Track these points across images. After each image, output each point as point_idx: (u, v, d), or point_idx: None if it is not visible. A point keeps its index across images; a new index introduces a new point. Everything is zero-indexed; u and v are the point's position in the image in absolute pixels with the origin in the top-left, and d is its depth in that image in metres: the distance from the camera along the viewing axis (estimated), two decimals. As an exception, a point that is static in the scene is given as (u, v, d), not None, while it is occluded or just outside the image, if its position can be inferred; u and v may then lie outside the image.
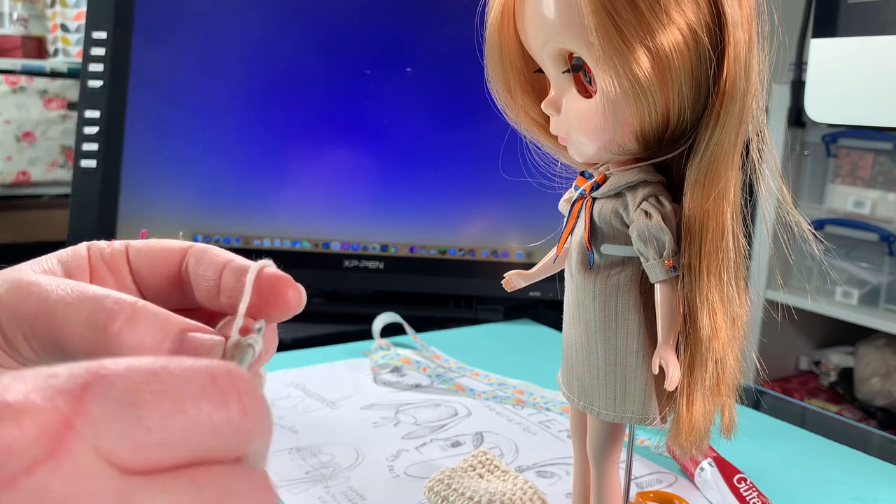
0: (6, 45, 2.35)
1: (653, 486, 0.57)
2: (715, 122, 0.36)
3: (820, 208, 1.82)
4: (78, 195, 0.95)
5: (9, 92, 2.21)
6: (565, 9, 0.35)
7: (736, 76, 0.35)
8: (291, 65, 0.96)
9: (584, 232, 0.39)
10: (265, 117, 0.96)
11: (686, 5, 0.34)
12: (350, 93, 0.96)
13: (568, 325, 0.41)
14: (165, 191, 0.95)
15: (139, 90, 0.95)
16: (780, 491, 0.56)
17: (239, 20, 0.97)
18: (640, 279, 0.38)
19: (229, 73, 0.96)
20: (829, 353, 1.96)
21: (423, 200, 0.96)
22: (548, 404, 0.70)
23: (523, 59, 0.40)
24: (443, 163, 0.96)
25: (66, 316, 0.26)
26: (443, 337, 0.90)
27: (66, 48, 2.38)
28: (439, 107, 0.96)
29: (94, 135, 0.95)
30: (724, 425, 0.40)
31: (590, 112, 0.37)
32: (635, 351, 0.38)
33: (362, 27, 0.97)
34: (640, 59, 0.34)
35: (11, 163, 2.24)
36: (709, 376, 0.37)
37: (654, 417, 0.39)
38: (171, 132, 0.96)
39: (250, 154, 0.95)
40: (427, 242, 0.96)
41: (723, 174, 0.36)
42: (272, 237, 0.95)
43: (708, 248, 0.36)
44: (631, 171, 0.38)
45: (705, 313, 0.37)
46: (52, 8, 2.38)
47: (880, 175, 1.75)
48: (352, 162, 0.96)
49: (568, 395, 0.42)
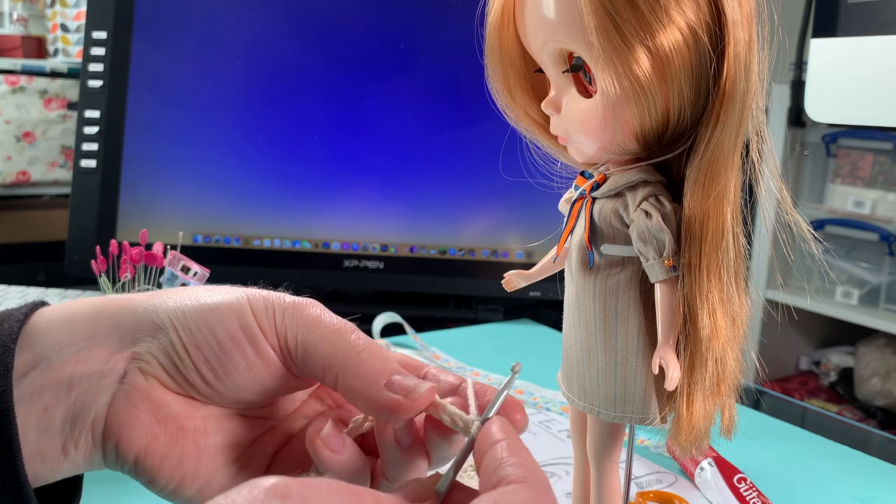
0: (6, 45, 2.35)
1: (653, 486, 0.57)
2: (715, 122, 0.36)
3: (820, 208, 1.82)
4: (78, 195, 0.95)
5: (9, 92, 2.21)
6: (565, 9, 0.35)
7: (736, 76, 0.35)
8: (291, 65, 0.96)
9: (584, 232, 0.39)
10: (265, 117, 0.96)
11: (686, 5, 0.34)
12: (350, 93, 0.96)
13: (568, 325, 0.41)
14: (165, 191, 0.95)
15: (139, 90, 0.95)
16: (780, 491, 0.56)
17: (239, 20, 0.97)
18: (640, 279, 0.38)
19: (229, 73, 0.96)
20: (829, 353, 1.96)
21: (423, 200, 0.96)
22: (548, 404, 0.70)
23: (523, 59, 0.40)
24: (443, 163, 0.96)
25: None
26: (443, 337, 0.90)
27: (66, 48, 2.38)
28: (439, 107, 0.96)
29: (94, 135, 0.95)
30: (724, 425, 0.40)
31: (590, 112, 0.37)
32: (635, 351, 0.38)
33: (362, 27, 0.97)
34: (640, 58, 0.34)
35: (11, 163, 2.24)
36: (709, 376, 0.37)
37: (654, 417, 0.39)
38: (171, 132, 0.96)
39: (250, 154, 0.95)
40: (427, 242, 0.96)
41: (723, 174, 0.36)
42: (272, 237, 0.95)
43: (708, 248, 0.36)
44: (631, 171, 0.38)
45: (705, 313, 0.37)
46: (52, 8, 2.38)
47: (880, 175, 1.75)
48: (352, 162, 0.96)
49: (568, 395, 0.42)
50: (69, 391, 0.32)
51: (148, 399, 0.32)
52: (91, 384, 0.32)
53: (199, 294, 0.34)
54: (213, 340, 0.33)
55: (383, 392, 0.32)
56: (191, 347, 0.33)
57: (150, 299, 0.34)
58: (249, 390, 0.34)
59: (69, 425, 0.32)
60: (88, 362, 0.32)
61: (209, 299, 0.33)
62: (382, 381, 0.32)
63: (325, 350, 0.33)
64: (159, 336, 0.33)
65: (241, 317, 0.33)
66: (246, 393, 0.34)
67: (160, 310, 0.33)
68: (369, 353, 0.33)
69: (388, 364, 0.33)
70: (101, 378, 0.32)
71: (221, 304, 0.33)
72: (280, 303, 0.34)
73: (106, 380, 0.32)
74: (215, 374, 0.33)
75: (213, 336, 0.33)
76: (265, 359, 0.33)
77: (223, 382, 0.33)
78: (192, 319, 0.33)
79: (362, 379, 0.32)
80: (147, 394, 0.33)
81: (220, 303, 0.33)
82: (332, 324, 0.34)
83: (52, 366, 0.32)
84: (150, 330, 0.33)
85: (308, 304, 0.34)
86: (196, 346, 0.33)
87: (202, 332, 0.33)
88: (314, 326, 0.33)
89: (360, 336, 0.34)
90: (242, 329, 0.33)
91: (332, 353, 0.33)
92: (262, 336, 0.33)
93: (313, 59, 0.96)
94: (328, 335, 0.33)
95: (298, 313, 0.34)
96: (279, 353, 0.34)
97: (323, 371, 0.33)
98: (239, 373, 0.33)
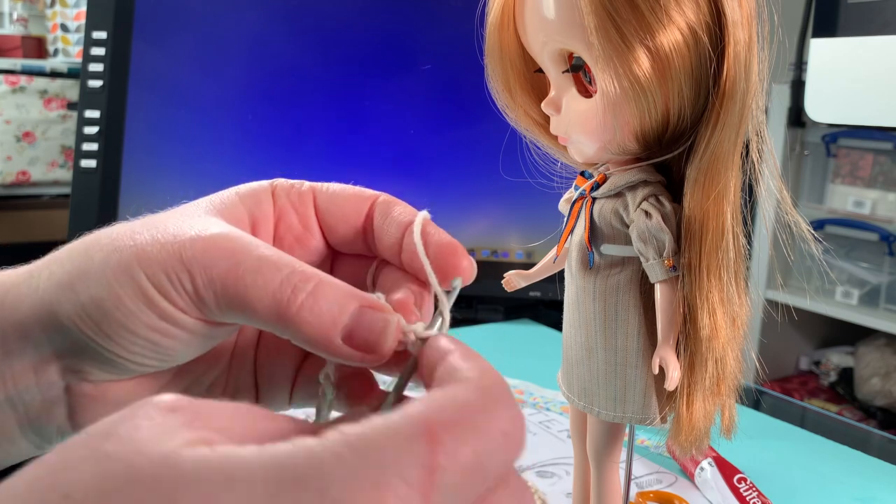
0: (6, 45, 2.35)
1: (653, 486, 0.57)
2: (715, 122, 0.36)
3: (820, 208, 1.82)
4: (78, 195, 0.95)
5: (9, 92, 2.21)
6: (565, 9, 0.35)
7: (736, 76, 0.35)
8: (291, 65, 0.96)
9: (584, 232, 0.39)
10: (265, 117, 0.96)
11: (686, 5, 0.34)
12: (350, 93, 0.96)
13: (568, 325, 0.41)
14: (165, 191, 0.95)
15: (139, 90, 0.95)
16: (780, 491, 0.56)
17: (239, 20, 0.97)
18: (640, 279, 0.38)
19: (229, 73, 0.96)
20: (829, 353, 1.96)
21: (422, 200, 0.96)
22: (548, 404, 0.70)
23: (523, 59, 0.40)
24: (443, 163, 0.96)
25: (255, 284, 0.27)
26: (443, 337, 0.90)
27: (66, 48, 2.38)
28: (439, 107, 0.96)
29: (94, 135, 0.95)
30: (724, 425, 0.40)
31: (590, 112, 0.37)
32: (635, 351, 0.38)
33: (362, 27, 0.97)
34: (640, 59, 0.34)
35: (11, 163, 2.24)
36: (709, 376, 0.37)
37: (654, 417, 0.39)
38: (171, 132, 0.96)
39: (250, 154, 0.95)
40: (427, 242, 0.96)
41: (723, 174, 0.36)
42: (272, 237, 0.95)
43: (708, 248, 0.36)
44: (631, 171, 0.38)
45: (705, 313, 0.37)
46: (52, 8, 2.38)
47: (880, 175, 1.75)
48: (351, 162, 0.96)
49: (568, 395, 0.42)
50: (13, 411, 0.29)
51: (107, 403, 0.29)
52: (36, 408, 0.29)
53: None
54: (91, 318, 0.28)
55: (343, 349, 0.27)
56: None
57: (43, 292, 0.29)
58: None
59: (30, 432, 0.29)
60: (18, 381, 0.29)
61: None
62: (335, 334, 0.27)
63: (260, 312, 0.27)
64: (66, 331, 0.28)
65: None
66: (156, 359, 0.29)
67: (60, 309, 0.28)
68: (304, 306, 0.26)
69: (334, 308, 0.27)
70: (44, 401, 0.29)
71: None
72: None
73: (50, 400, 0.29)
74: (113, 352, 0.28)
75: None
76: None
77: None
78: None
79: (312, 340, 0.27)
80: (104, 397, 0.29)
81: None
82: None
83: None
84: (56, 327, 0.28)
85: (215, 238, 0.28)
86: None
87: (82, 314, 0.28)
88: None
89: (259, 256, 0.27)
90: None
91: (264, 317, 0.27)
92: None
93: (313, 59, 0.96)
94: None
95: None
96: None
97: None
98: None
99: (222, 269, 0.27)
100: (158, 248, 0.27)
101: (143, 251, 0.28)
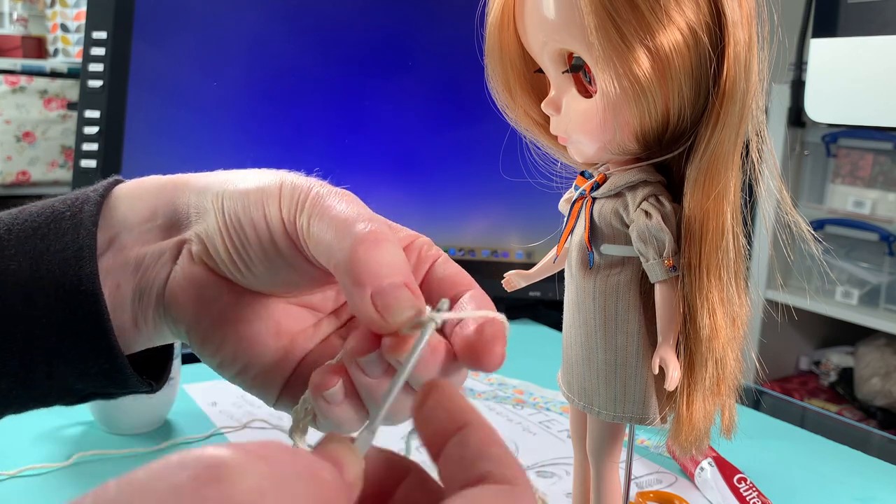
0: (6, 45, 2.35)
1: (653, 486, 0.57)
2: (715, 122, 0.36)
3: (820, 208, 1.82)
4: (78, 195, 0.94)
5: (9, 92, 2.21)
6: (565, 9, 0.35)
7: (736, 76, 0.35)
8: (291, 65, 0.96)
9: (584, 232, 0.39)
10: (265, 117, 0.96)
11: (686, 5, 0.34)
12: (350, 93, 0.96)
13: (568, 325, 0.41)
14: (165, 191, 0.95)
15: (139, 90, 0.95)
16: (780, 491, 0.56)
17: (239, 20, 0.97)
18: (640, 279, 0.38)
19: (229, 73, 0.96)
20: (829, 353, 1.96)
21: (422, 200, 0.96)
22: (548, 404, 0.70)
23: (523, 59, 0.40)
24: (443, 163, 0.96)
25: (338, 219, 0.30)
26: (443, 337, 0.90)
27: (66, 48, 2.38)
28: (439, 107, 0.96)
29: (94, 135, 0.95)
30: (724, 425, 0.40)
31: (590, 112, 0.37)
32: (635, 351, 0.38)
33: (362, 27, 0.97)
34: (640, 59, 0.34)
35: (11, 163, 2.24)
36: (709, 376, 0.37)
37: (654, 417, 0.39)
38: (171, 132, 0.96)
39: (250, 154, 0.95)
40: (427, 242, 0.96)
41: (723, 174, 0.36)
42: (272, 237, 0.95)
43: (708, 248, 0.36)
44: (631, 171, 0.38)
45: (705, 313, 0.37)
46: (52, 8, 2.38)
47: (880, 175, 1.76)
48: (351, 162, 0.96)
49: (568, 395, 0.42)
50: (136, 271, 0.34)
51: (193, 281, 0.33)
52: (151, 264, 0.34)
53: (244, 178, 0.34)
54: (239, 226, 0.32)
55: (365, 301, 0.28)
56: (224, 233, 0.33)
57: (206, 179, 0.35)
58: (274, 280, 0.33)
59: (137, 301, 0.34)
60: (150, 243, 0.34)
61: (246, 185, 0.33)
62: (370, 287, 0.28)
63: (327, 240, 0.30)
64: (205, 219, 0.33)
65: (266, 204, 0.32)
66: (273, 282, 0.34)
67: (209, 192, 0.34)
68: (366, 249, 0.29)
69: (383, 266, 0.29)
70: (159, 258, 0.34)
71: (253, 191, 0.33)
72: (306, 191, 0.32)
73: (163, 259, 0.34)
74: (242, 261, 0.33)
75: (238, 222, 0.32)
76: (278, 248, 0.32)
77: (251, 270, 0.33)
78: (227, 204, 0.33)
79: (352, 278, 0.29)
80: (193, 276, 0.33)
81: (252, 189, 0.33)
82: (339, 212, 0.30)
83: (122, 247, 0.34)
84: (200, 212, 0.34)
85: (328, 194, 0.31)
86: (227, 231, 0.33)
87: (232, 218, 0.32)
88: (323, 214, 0.31)
89: (367, 226, 0.30)
90: (265, 217, 0.32)
91: (332, 245, 0.30)
92: (281, 225, 0.32)
93: (313, 59, 0.96)
94: (334, 224, 0.30)
95: (317, 201, 0.31)
96: (290, 243, 0.32)
97: (329, 266, 0.30)
98: (260, 260, 0.33)
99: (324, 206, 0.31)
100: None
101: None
